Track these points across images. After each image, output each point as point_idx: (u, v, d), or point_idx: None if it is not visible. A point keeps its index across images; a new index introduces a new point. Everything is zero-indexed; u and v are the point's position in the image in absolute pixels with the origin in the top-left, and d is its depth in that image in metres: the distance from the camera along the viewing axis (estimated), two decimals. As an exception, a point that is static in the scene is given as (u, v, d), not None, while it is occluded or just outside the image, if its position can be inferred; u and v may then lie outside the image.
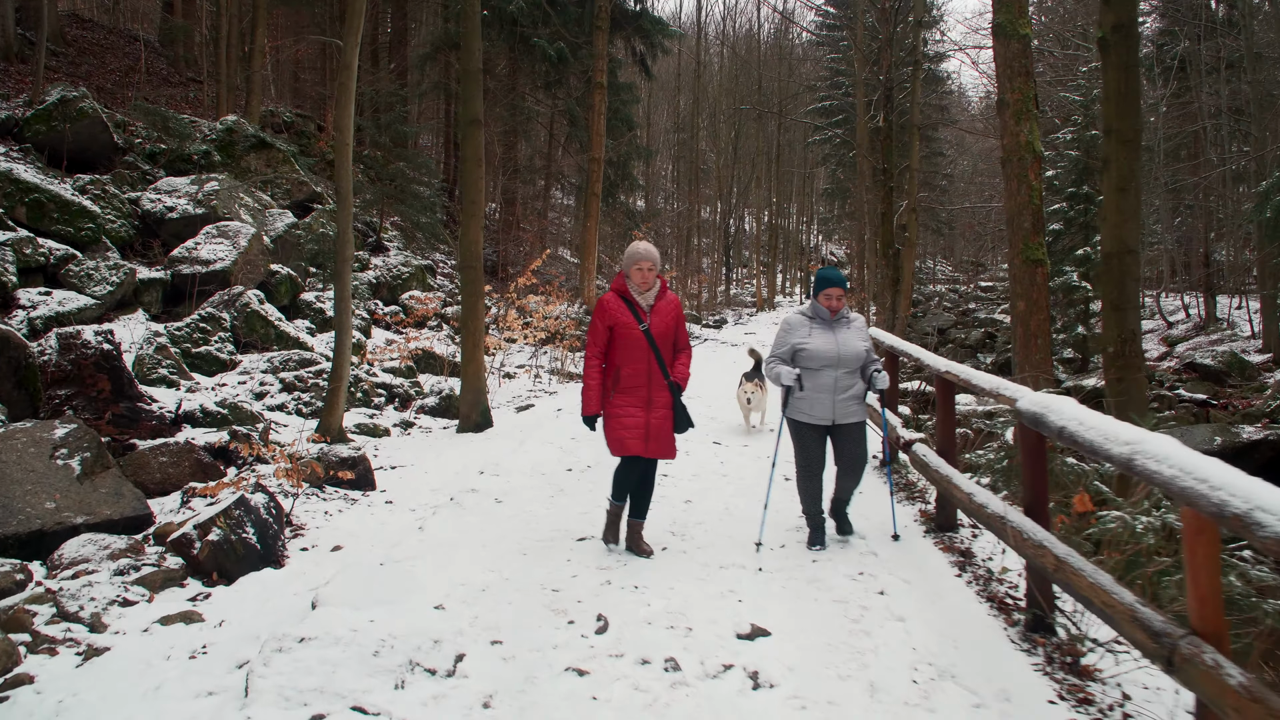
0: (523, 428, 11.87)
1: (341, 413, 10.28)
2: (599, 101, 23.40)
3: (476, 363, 12.05)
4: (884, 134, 21.66)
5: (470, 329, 12.02)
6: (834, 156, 49.89)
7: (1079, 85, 28.98)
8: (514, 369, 18.14)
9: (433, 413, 12.97)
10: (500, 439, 10.92)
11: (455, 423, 12.35)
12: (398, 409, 12.95)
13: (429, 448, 10.66)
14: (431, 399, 13.16)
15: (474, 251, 12.10)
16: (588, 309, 23.11)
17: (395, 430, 11.87)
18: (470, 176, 12.15)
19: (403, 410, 12.94)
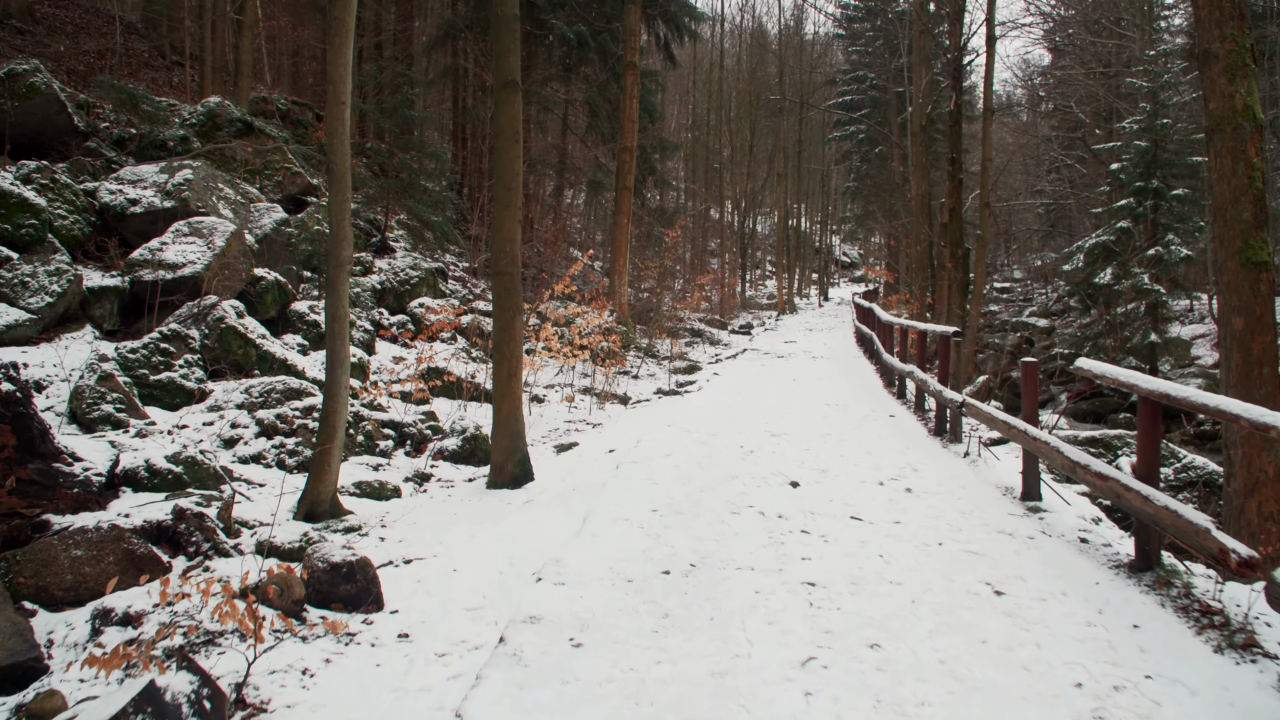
0: (574, 483, 8.85)
1: (335, 475, 7.26)
2: (631, 83, 20.44)
3: (513, 398, 9.03)
4: (954, 118, 18.63)
5: (506, 354, 8.99)
6: (856, 153, 46.95)
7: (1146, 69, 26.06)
8: (543, 389, 15.13)
9: (454, 458, 9.95)
10: (549, 506, 7.89)
11: (483, 472, 9.34)
12: (410, 454, 9.92)
13: (455, 519, 7.63)
14: (452, 440, 10.13)
15: (510, 253, 9.08)
16: (620, 318, 20.08)
17: (407, 488, 8.83)
18: (505, 155, 9.12)
19: (416, 455, 9.92)
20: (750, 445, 10.24)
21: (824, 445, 10.36)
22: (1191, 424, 21.47)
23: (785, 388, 15.98)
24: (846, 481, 8.57)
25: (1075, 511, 7.74)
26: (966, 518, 7.41)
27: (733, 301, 41.01)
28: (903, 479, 8.74)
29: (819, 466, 9.12)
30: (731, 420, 12.15)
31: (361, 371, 12.56)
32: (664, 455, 9.53)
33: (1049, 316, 40.58)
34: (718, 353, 24.78)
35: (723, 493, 7.98)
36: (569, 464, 10.04)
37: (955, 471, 9.05)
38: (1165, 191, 24.18)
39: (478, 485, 9.10)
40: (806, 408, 13.52)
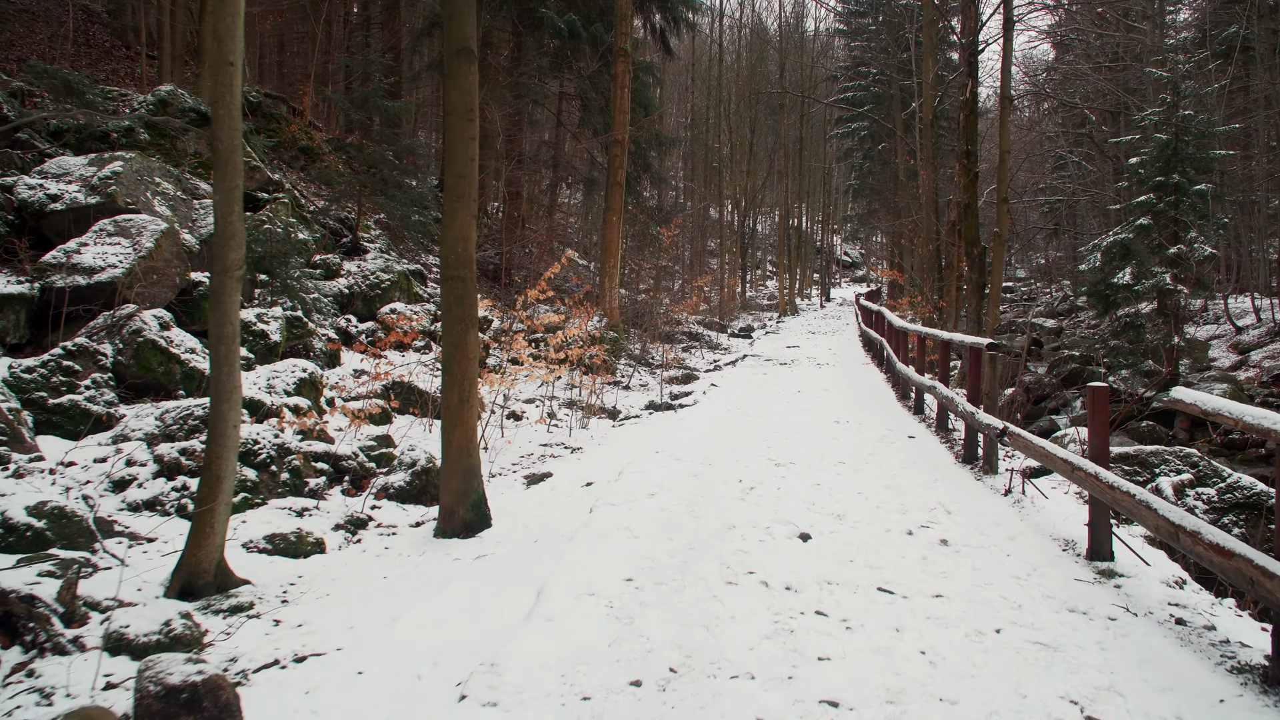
0: (539, 530, 7.21)
1: (220, 539, 5.61)
2: (622, 72, 18.77)
3: (466, 427, 7.38)
4: (968, 108, 16.96)
5: (457, 375, 7.35)
6: (858, 150, 45.29)
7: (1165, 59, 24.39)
8: (522, 404, 13.48)
9: (402, 496, 8.29)
10: (501, 567, 6.25)
11: (434, 513, 7.67)
12: (348, 492, 8.27)
13: (383, 587, 5.98)
14: (400, 474, 8.45)
15: (462, 254, 7.44)
16: (610, 323, 18.43)
17: (336, 538, 7.17)
18: (458, 138, 7.49)
19: (356, 493, 8.27)
20: (751, 478, 8.58)
21: (837, 478, 8.70)
22: (1218, 432, 19.86)
23: (790, 401, 14.32)
24: (868, 531, 6.92)
25: (1157, 574, 6.10)
26: (1024, 586, 5.76)
27: (733, 303, 39.35)
28: (936, 526, 7.09)
29: (834, 510, 7.46)
30: (729, 443, 10.50)
31: (314, 388, 10.93)
32: (647, 495, 7.88)
33: (1056, 317, 38.96)
34: (716, 359, 23.12)
35: (717, 550, 6.32)
36: (537, 502, 8.40)
37: (998, 515, 7.39)
38: (1187, 187, 22.51)
39: (425, 532, 7.46)
40: (814, 425, 11.87)
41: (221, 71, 5.57)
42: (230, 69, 5.57)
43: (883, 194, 40.69)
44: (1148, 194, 23.01)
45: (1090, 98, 35.91)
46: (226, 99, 5.57)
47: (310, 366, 11.10)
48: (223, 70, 5.56)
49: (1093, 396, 6.19)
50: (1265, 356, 25.40)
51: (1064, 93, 37.70)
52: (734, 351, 24.96)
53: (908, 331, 14.82)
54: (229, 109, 5.57)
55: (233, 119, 5.59)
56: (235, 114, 5.63)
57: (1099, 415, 6.16)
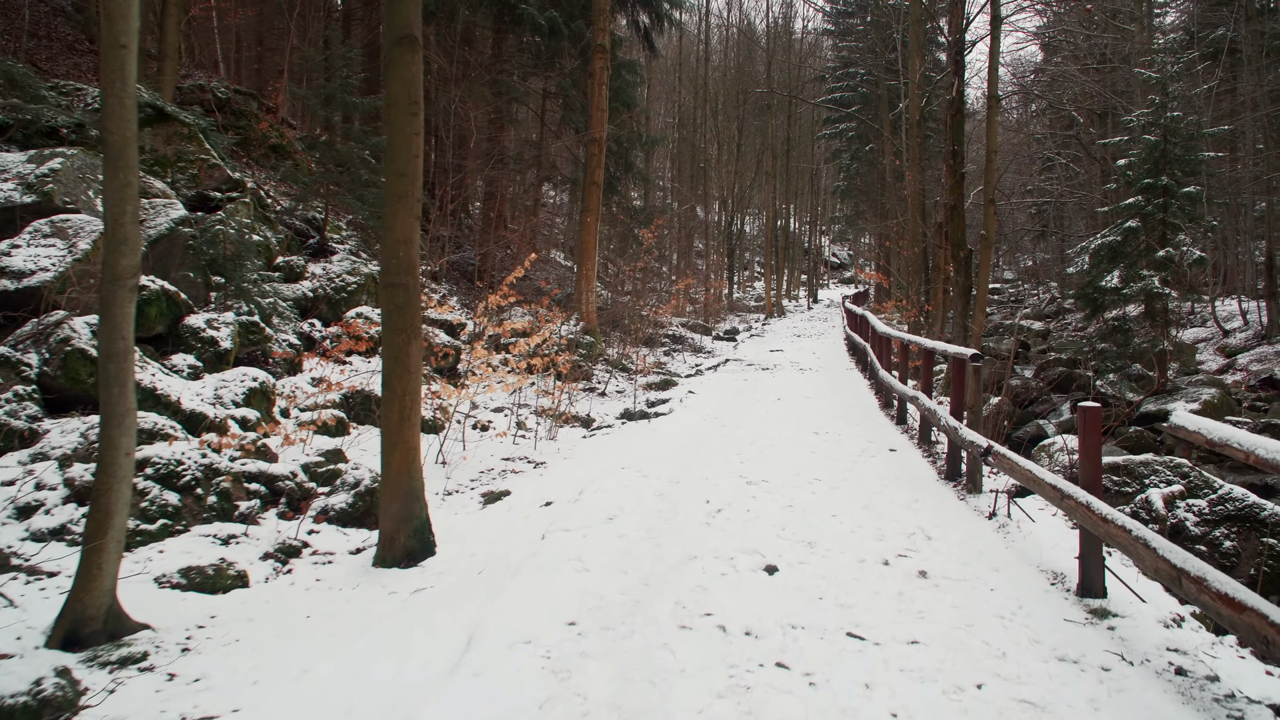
0: (486, 559, 6.62)
1: (111, 580, 4.97)
2: (600, 69, 18.14)
3: (406, 446, 6.77)
4: (955, 107, 16.40)
5: (397, 391, 6.74)
6: (846, 151, 44.78)
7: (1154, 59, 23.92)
8: (489, 414, 12.87)
9: (343, 519, 7.66)
10: (437, 605, 5.65)
11: (377, 537, 7.04)
12: (285, 516, 7.63)
13: (301, 631, 5.37)
14: (342, 495, 7.82)
15: (404, 258, 6.82)
16: (586, 327, 17.81)
17: (264, 569, 6.53)
18: (399, 132, 6.88)
19: (294, 516, 7.63)
20: (719, 499, 7.98)
21: (812, 497, 8.11)
22: (1207, 438, 19.32)
23: (769, 410, 13.72)
24: (841, 561, 6.32)
25: (1154, 612, 5.53)
26: (1009, 628, 5.19)
27: (719, 305, 38.76)
28: (914, 554, 6.50)
29: (805, 536, 6.86)
30: (701, 458, 9.90)
31: (265, 399, 10.31)
32: (606, 519, 7.27)
33: (1044, 319, 38.45)
34: (698, 363, 22.51)
35: (674, 586, 5.73)
36: (491, 524, 7.79)
37: (981, 542, 6.81)
38: (1175, 189, 22.01)
39: (364, 561, 6.85)
40: (791, 437, 11.28)
41: (112, 55, 4.95)
42: (122, 52, 4.94)
43: (870, 195, 40.18)
44: (1136, 196, 22.51)
45: (1078, 99, 35.47)
46: (118, 86, 4.94)
47: (261, 375, 10.47)
48: (113, 53, 4.94)
49: (1084, 417, 5.61)
50: (1252, 360, 24.99)
51: (1052, 94, 37.25)
52: (717, 355, 24.36)
53: (891, 338, 14.24)
54: (120, 97, 4.95)
55: (125, 108, 4.97)
56: (128, 103, 5.01)
57: (1090, 437, 5.58)
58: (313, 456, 9.22)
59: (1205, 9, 33.65)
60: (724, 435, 11.40)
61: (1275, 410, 20.31)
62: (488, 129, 24.37)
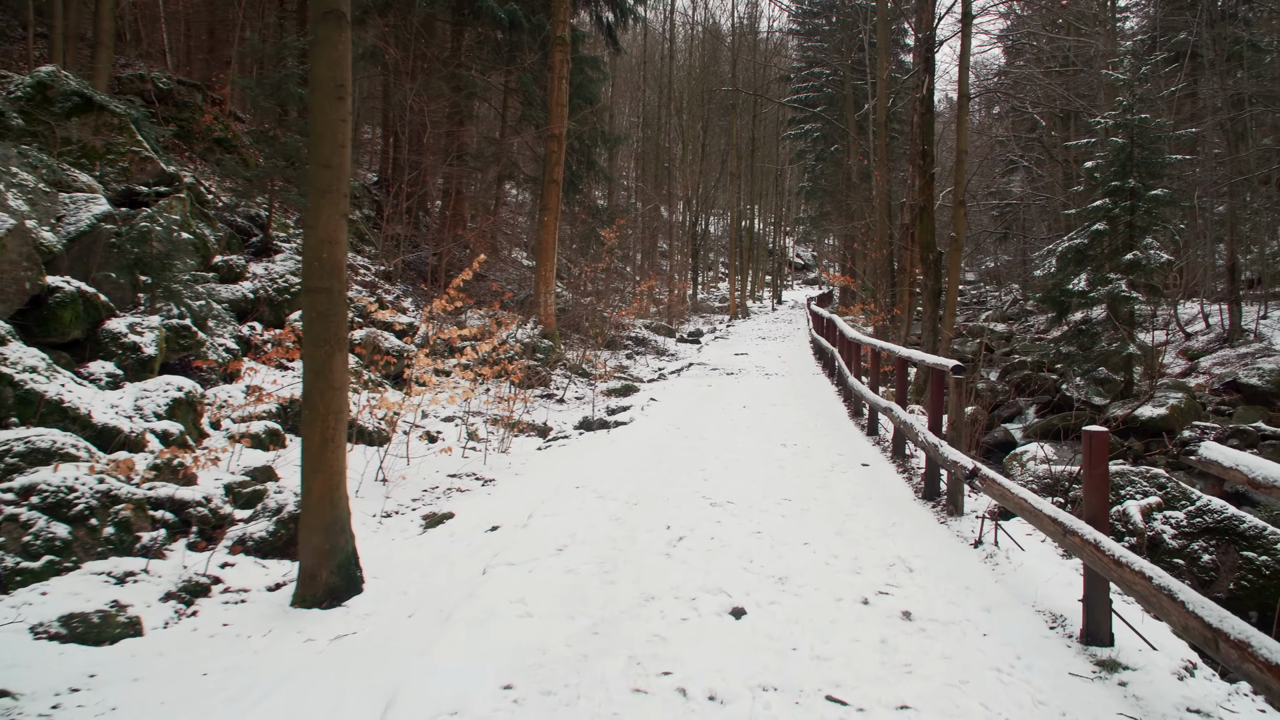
0: (419, 598, 5.85)
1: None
2: (559, 62, 17.37)
3: (330, 471, 5.99)
4: (924, 105, 15.80)
5: (319, 409, 5.95)
6: (811, 151, 44.30)
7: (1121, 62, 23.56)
8: (440, 424, 12.06)
9: (263, 549, 6.83)
10: (353, 662, 4.86)
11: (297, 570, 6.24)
12: (196, 546, 6.80)
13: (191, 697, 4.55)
14: (263, 522, 6.99)
15: (330, 260, 6.04)
16: (545, 330, 17.03)
17: (163, 612, 5.70)
18: (323, 118, 6.09)
19: (208, 546, 6.80)
20: (681, 524, 7.25)
21: (781, 521, 7.40)
22: (1174, 442, 18.98)
23: (734, 419, 13.02)
24: (815, 599, 5.62)
25: (1166, 662, 4.88)
26: (1008, 685, 4.51)
27: (682, 306, 38.08)
28: (896, 591, 5.81)
29: (775, 570, 6.14)
30: (662, 474, 9.17)
31: (190, 410, 9.46)
32: (556, 549, 6.53)
33: (1007, 321, 38.16)
34: (662, 366, 21.79)
35: (627, 635, 4.99)
36: (430, 554, 7.00)
37: (969, 575, 6.13)
38: (1142, 191, 21.62)
39: (282, 599, 6.04)
40: (758, 450, 10.58)
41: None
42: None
43: (835, 196, 39.72)
44: (1103, 198, 22.10)
45: (1041, 102, 35.17)
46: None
47: (187, 384, 9.62)
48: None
49: (1089, 443, 4.94)
50: (1215, 363, 24.74)
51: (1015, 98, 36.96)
52: (681, 359, 23.66)
53: (861, 344, 13.59)
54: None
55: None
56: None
57: (1097, 465, 4.92)
58: (238, 475, 8.39)
59: (1167, 13, 33.49)
60: (687, 448, 10.68)
61: (1240, 415, 19.99)
62: (446, 125, 23.48)
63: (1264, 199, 30.43)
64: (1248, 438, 18.00)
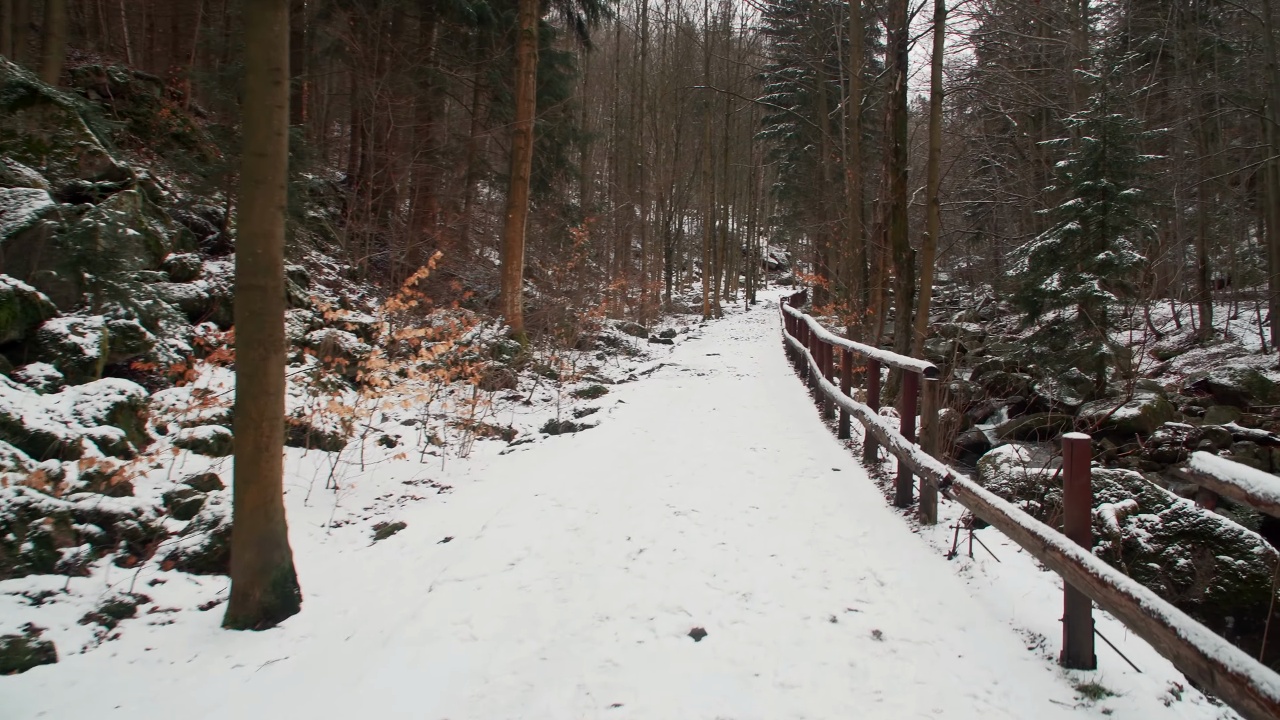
0: (358, 617, 5.45)
1: None
2: (526, 56, 16.96)
3: (264, 482, 5.58)
4: (897, 102, 15.52)
5: (253, 416, 5.54)
6: (784, 151, 44.07)
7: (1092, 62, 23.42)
8: (399, 427, 11.63)
9: (197, 565, 6.40)
10: (279, 694, 4.46)
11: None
12: (125, 562, 6.36)
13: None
14: (198, 536, 6.56)
15: (265, 257, 5.64)
16: (511, 330, 16.62)
17: (82, 635, 5.26)
18: (258, 104, 5.69)
19: (136, 561, 6.36)
20: (643, 535, 6.88)
21: (748, 531, 7.04)
22: (1146, 443, 18.83)
23: (703, 421, 12.67)
24: (781, 618, 5.27)
25: (1152, 686, 4.56)
26: (985, 713, 4.18)
27: (655, 306, 37.73)
28: (867, 607, 5.47)
29: (739, 586, 5.77)
30: (625, 480, 8.79)
31: (133, 414, 9.00)
32: (508, 564, 6.15)
33: (979, 321, 38.10)
34: (633, 367, 21.42)
35: (578, 661, 4.62)
36: (377, 567, 6.60)
37: (942, 590, 5.80)
38: (1115, 191, 21.48)
39: (213, 620, 5.62)
40: (727, 455, 10.22)
41: None
42: None
43: (809, 195, 39.53)
44: (1075, 198, 21.94)
45: (1013, 102, 35.13)
46: None
47: (130, 387, 9.17)
48: None
49: (1070, 451, 4.62)
50: (1186, 363, 24.70)
51: (988, 98, 36.92)
52: (652, 359, 23.29)
53: (833, 344, 13.27)
54: None
55: None
56: None
57: (1078, 476, 4.59)
58: (180, 484, 7.95)
59: (1138, 14, 33.50)
60: (653, 452, 10.31)
61: (1212, 415, 19.90)
62: (414, 121, 23.00)
63: (1234, 200, 30.50)
64: (1220, 438, 17.87)
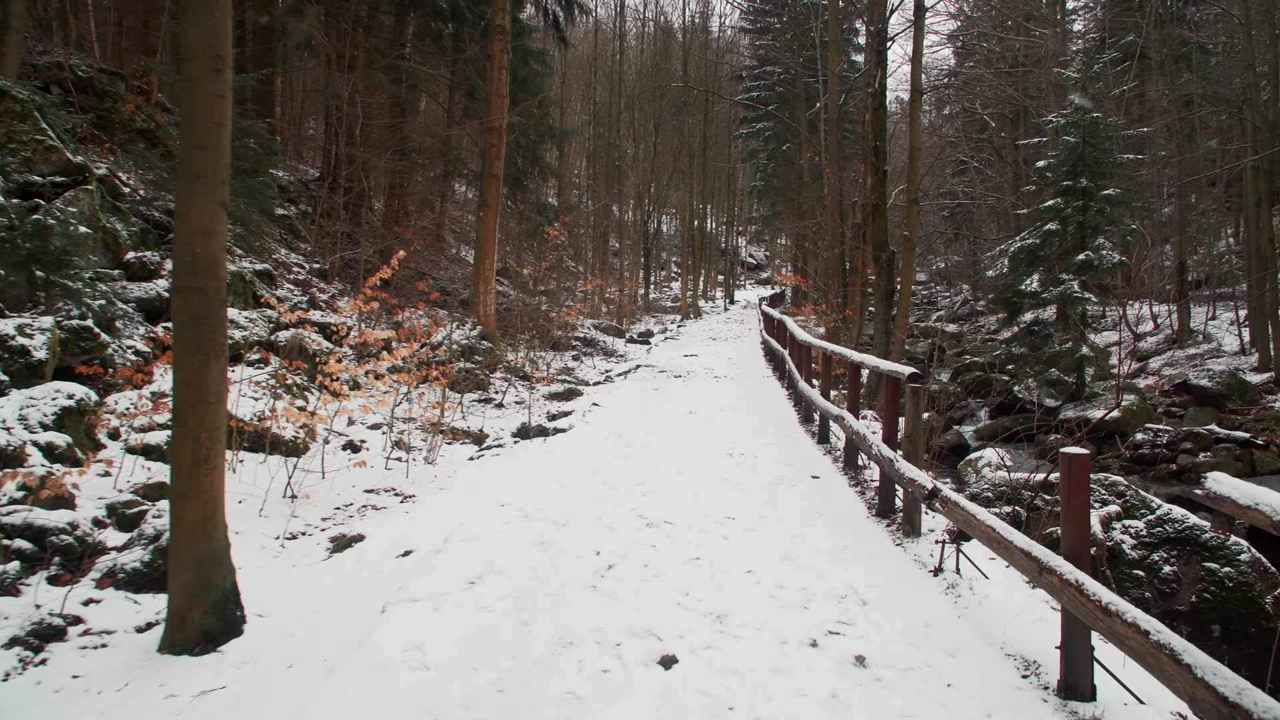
0: (303, 646, 5.05)
1: None
2: (499, 51, 16.56)
3: (203, 497, 5.18)
4: (876, 100, 15.23)
5: (190, 426, 5.14)
6: (763, 151, 43.82)
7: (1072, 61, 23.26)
8: (365, 431, 11.21)
9: (137, 583, 5.97)
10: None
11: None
12: (59, 580, 5.93)
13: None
14: (137, 551, 6.13)
15: (205, 255, 5.23)
16: (485, 332, 16.21)
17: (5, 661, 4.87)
18: (197, 93, 5.29)
19: (71, 578, 5.94)
20: (613, 549, 6.50)
21: (723, 545, 6.69)
22: (1127, 445, 18.67)
23: (679, 425, 12.31)
24: (758, 642, 4.91)
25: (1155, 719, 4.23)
26: (978, 753, 3.83)
27: (633, 306, 37.36)
28: (848, 629, 5.12)
29: (713, 606, 5.41)
30: (597, 489, 8.42)
31: (82, 421, 8.56)
32: (468, 582, 5.76)
33: (957, 321, 37.97)
34: (609, 368, 21.04)
35: (537, 694, 4.24)
36: (330, 583, 6.20)
37: (929, 610, 5.45)
38: (1094, 191, 21.32)
39: (150, 643, 5.21)
40: (703, 461, 9.87)
41: None
42: None
43: (787, 195, 39.29)
44: (1055, 198, 21.77)
45: (990, 103, 35.02)
46: None
47: (79, 391, 8.72)
48: None
49: (1068, 467, 4.29)
50: (1164, 364, 24.59)
51: (965, 98, 36.78)
52: (629, 360, 22.92)
53: (811, 346, 12.93)
54: None
55: None
56: None
57: (1077, 493, 4.26)
58: (126, 494, 7.52)
59: (1115, 15, 33.45)
60: (627, 458, 9.95)
61: (1191, 417, 19.77)
62: (388, 118, 22.53)
63: (1210, 200, 30.47)
64: (1201, 441, 17.72)
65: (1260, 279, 21.30)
